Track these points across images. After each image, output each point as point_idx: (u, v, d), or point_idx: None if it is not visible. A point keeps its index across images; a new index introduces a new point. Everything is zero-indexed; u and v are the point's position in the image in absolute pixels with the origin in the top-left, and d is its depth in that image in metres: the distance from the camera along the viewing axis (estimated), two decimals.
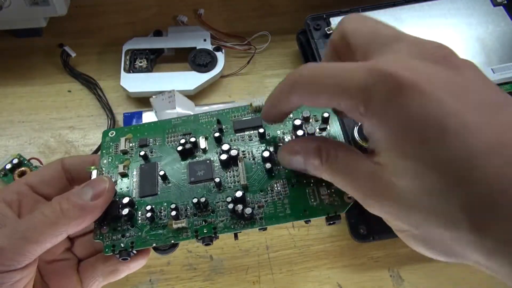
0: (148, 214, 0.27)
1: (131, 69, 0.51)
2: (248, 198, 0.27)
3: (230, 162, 0.29)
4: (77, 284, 0.29)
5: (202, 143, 0.29)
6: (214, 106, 0.50)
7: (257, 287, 0.41)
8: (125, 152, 0.30)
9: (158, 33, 0.55)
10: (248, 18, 0.59)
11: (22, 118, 0.50)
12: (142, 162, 0.29)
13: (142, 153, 0.29)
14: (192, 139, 0.29)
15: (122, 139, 0.30)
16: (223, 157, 0.28)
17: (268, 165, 0.28)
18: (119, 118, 0.50)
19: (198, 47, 0.52)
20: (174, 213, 0.26)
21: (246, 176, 0.28)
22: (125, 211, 0.26)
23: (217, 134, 0.29)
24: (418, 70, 0.19)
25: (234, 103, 0.50)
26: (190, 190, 0.28)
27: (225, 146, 0.29)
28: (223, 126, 0.30)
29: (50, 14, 0.49)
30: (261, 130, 0.29)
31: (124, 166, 0.29)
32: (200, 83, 0.50)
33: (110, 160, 0.30)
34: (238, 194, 0.26)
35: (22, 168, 0.44)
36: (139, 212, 0.27)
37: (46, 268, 0.29)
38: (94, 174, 0.29)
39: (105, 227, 0.27)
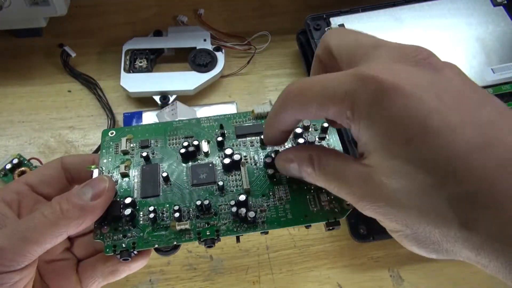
0: (150, 215, 0.27)
1: (131, 69, 0.51)
2: (250, 202, 0.27)
3: (233, 167, 0.29)
4: (76, 284, 0.29)
5: (205, 147, 0.30)
6: (214, 106, 0.50)
7: (257, 287, 0.41)
8: (126, 152, 0.30)
9: (158, 33, 0.55)
10: (248, 18, 0.59)
11: (22, 118, 0.50)
12: (143, 163, 0.29)
13: (144, 154, 0.29)
14: (195, 142, 0.30)
15: (123, 139, 0.30)
16: (227, 161, 0.28)
17: (270, 171, 0.28)
18: (119, 118, 0.50)
19: (198, 47, 0.52)
20: (177, 214, 0.26)
21: (248, 180, 0.28)
22: (127, 211, 0.26)
23: (220, 139, 0.30)
24: (399, 73, 0.20)
25: (234, 103, 0.50)
26: (192, 193, 0.28)
27: (228, 151, 0.29)
28: (225, 131, 0.31)
29: (50, 14, 0.49)
30: (262, 137, 0.29)
31: (125, 167, 0.29)
32: (200, 83, 0.50)
33: (110, 160, 0.30)
34: (242, 198, 0.27)
35: (22, 168, 0.45)
36: (141, 212, 0.27)
37: (46, 268, 0.29)
38: (95, 173, 0.29)
39: (106, 227, 0.27)
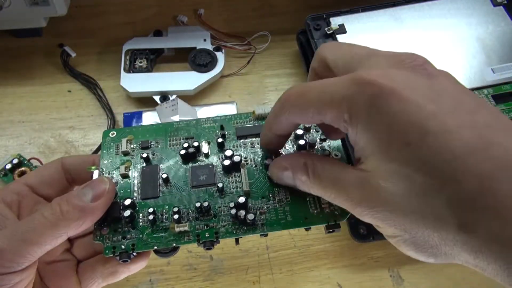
0: (150, 217, 0.26)
1: (131, 69, 0.51)
2: (250, 204, 0.27)
3: (233, 168, 0.29)
4: (76, 285, 0.29)
5: (205, 148, 0.29)
6: (214, 106, 0.50)
7: (257, 287, 0.41)
8: (126, 153, 0.30)
9: (158, 33, 0.55)
10: (248, 18, 0.59)
11: (22, 118, 0.50)
12: (143, 164, 0.29)
13: (144, 155, 0.29)
14: (195, 143, 0.29)
15: (124, 140, 0.30)
16: (226, 162, 0.28)
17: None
18: (119, 118, 0.50)
19: (198, 47, 0.52)
20: (176, 216, 0.26)
21: (248, 182, 0.28)
22: (127, 213, 0.26)
23: (220, 140, 0.29)
24: (396, 78, 0.20)
25: (234, 103, 0.50)
26: (192, 194, 0.28)
27: (228, 152, 0.29)
28: (226, 132, 0.31)
29: (50, 14, 0.49)
30: (259, 139, 0.29)
31: (125, 168, 0.29)
32: (200, 83, 0.50)
33: (110, 160, 0.30)
34: (241, 200, 0.26)
35: (22, 168, 0.45)
36: (141, 214, 0.27)
37: (46, 269, 0.29)
38: (96, 174, 0.29)
39: (105, 228, 0.27)
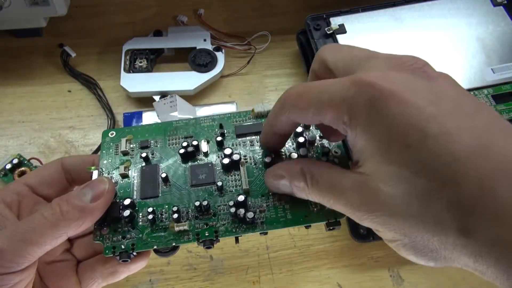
0: (149, 216, 0.26)
1: (131, 69, 0.51)
2: (249, 202, 0.27)
3: (232, 167, 0.29)
4: (76, 285, 0.29)
5: (204, 147, 0.29)
6: (214, 106, 0.50)
7: (257, 287, 0.41)
8: (125, 153, 0.30)
9: (158, 33, 0.55)
10: (248, 18, 0.59)
11: (22, 118, 0.50)
12: (143, 163, 0.29)
13: (144, 154, 0.29)
14: (194, 142, 0.29)
15: (123, 140, 0.30)
16: (226, 161, 0.28)
17: None
18: (119, 118, 0.50)
19: (198, 47, 0.52)
20: (176, 215, 0.26)
21: (248, 180, 0.28)
22: (126, 213, 0.26)
23: (219, 138, 0.29)
24: (396, 80, 0.20)
25: (234, 104, 0.50)
26: (192, 193, 0.28)
27: (227, 150, 0.29)
28: (225, 131, 0.30)
29: (50, 14, 0.49)
30: (259, 137, 0.29)
31: (125, 167, 0.29)
32: (200, 83, 0.50)
33: (110, 160, 0.30)
34: (241, 198, 0.26)
35: (22, 168, 0.45)
36: (140, 214, 0.27)
37: (45, 269, 0.29)
38: (95, 174, 0.29)
39: (105, 228, 0.27)
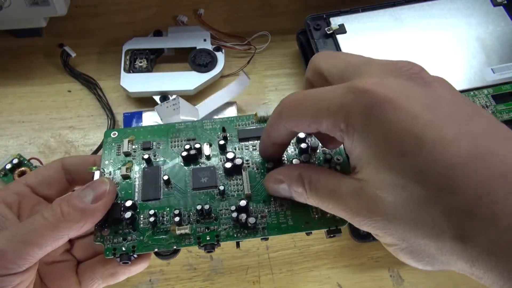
0: (151, 219, 0.26)
1: (131, 69, 0.51)
2: (251, 207, 0.27)
3: (234, 171, 0.28)
4: (76, 285, 0.29)
5: (207, 150, 0.29)
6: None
7: (257, 287, 0.41)
8: (127, 154, 0.30)
9: (158, 33, 0.55)
10: (248, 18, 0.59)
11: (22, 118, 0.50)
12: (145, 165, 0.29)
13: (146, 156, 0.29)
14: (196, 145, 0.29)
15: (125, 141, 0.30)
16: (228, 165, 0.28)
17: None
18: (119, 118, 0.50)
19: (198, 47, 0.52)
20: (177, 219, 0.26)
21: (250, 185, 0.28)
22: (127, 215, 0.26)
23: (221, 142, 0.29)
24: (392, 86, 0.20)
25: (234, 103, 0.50)
26: (193, 196, 0.28)
27: (230, 155, 0.28)
28: (228, 134, 0.30)
29: (50, 14, 0.49)
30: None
31: (127, 168, 0.29)
32: (200, 83, 0.50)
33: (112, 161, 0.29)
34: (242, 203, 0.26)
35: (22, 168, 0.44)
36: (141, 216, 0.27)
37: (46, 269, 0.29)
38: (97, 174, 0.29)
39: (106, 229, 0.27)
